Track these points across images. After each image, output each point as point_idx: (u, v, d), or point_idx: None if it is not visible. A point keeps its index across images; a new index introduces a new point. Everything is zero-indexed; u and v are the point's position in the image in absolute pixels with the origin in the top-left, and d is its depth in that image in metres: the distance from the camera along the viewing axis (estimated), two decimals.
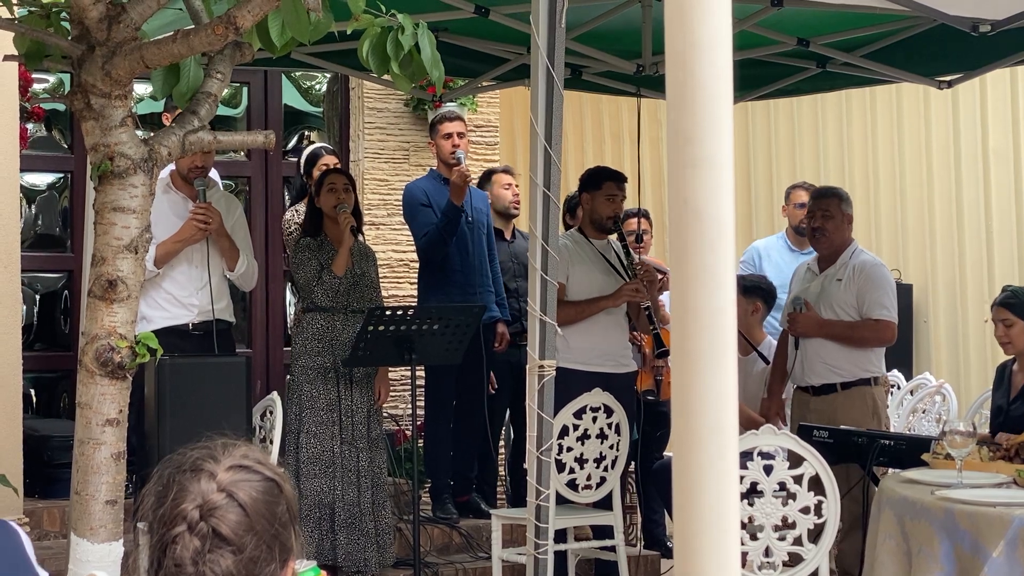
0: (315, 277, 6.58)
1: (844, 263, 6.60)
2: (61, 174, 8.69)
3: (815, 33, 6.64)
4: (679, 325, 1.50)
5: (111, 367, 3.76)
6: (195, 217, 6.31)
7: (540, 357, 4.61)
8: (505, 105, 9.41)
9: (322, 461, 6.44)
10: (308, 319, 6.62)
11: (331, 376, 6.53)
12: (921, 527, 4.47)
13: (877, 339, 6.56)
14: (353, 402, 6.55)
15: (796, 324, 6.58)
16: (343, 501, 6.42)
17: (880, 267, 6.70)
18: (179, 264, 6.36)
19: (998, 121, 8.76)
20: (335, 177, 6.77)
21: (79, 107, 3.80)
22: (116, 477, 3.83)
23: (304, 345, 6.57)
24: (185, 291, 6.37)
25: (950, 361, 8.95)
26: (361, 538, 6.43)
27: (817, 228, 6.64)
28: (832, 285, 6.57)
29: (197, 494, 2.03)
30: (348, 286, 6.61)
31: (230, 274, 6.53)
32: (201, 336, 6.34)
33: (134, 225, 3.79)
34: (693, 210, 1.49)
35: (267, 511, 2.05)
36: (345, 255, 6.58)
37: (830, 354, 6.50)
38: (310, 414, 6.46)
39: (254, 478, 2.07)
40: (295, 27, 3.54)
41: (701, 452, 1.48)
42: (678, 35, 1.49)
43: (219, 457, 2.08)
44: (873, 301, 6.49)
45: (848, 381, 6.49)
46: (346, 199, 6.65)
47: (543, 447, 4.68)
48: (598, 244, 6.82)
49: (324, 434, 6.47)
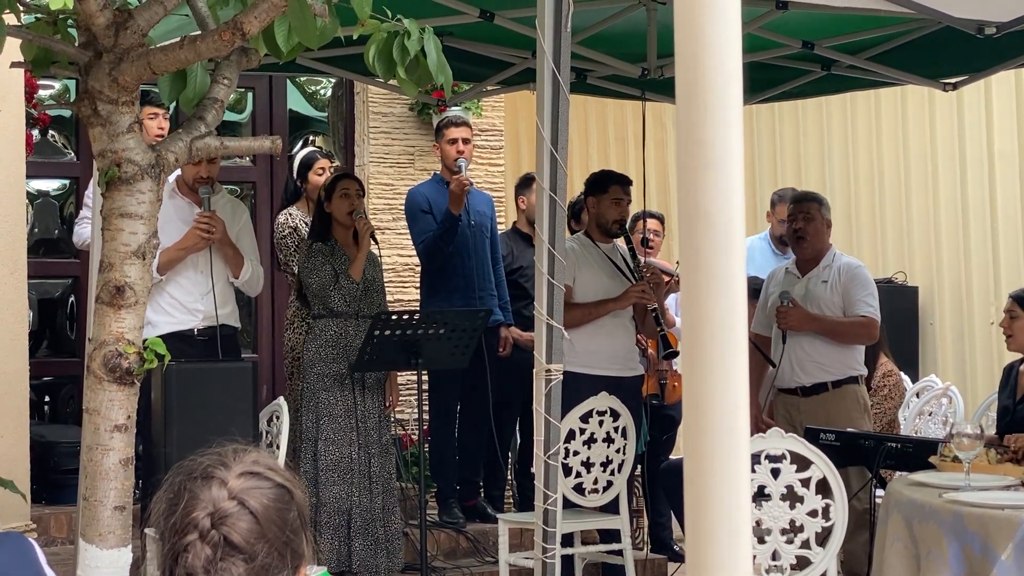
0: (331, 282, 6.57)
1: (827, 265, 6.67)
2: (66, 180, 8.70)
3: (820, 36, 6.63)
4: (690, 327, 1.50)
5: (119, 373, 3.76)
6: (199, 226, 6.31)
7: (547, 361, 4.61)
8: (510, 109, 9.41)
9: (340, 468, 6.44)
10: (321, 325, 6.60)
11: (347, 383, 6.52)
12: (929, 530, 4.47)
13: (864, 335, 6.63)
14: (367, 408, 6.56)
15: (786, 318, 6.60)
16: (359, 507, 6.43)
17: (862, 268, 6.81)
18: (184, 270, 6.36)
19: (1003, 123, 8.76)
20: (348, 183, 6.77)
21: (86, 113, 3.80)
22: (124, 483, 3.83)
23: (319, 352, 6.55)
24: (190, 296, 6.37)
25: (956, 363, 8.94)
26: (373, 544, 6.44)
27: (799, 230, 6.69)
28: (818, 287, 6.62)
29: (208, 502, 2.02)
30: (362, 291, 6.62)
31: (235, 280, 6.53)
32: (206, 341, 6.34)
33: (141, 231, 3.79)
34: (704, 213, 1.49)
35: (278, 518, 2.04)
36: (363, 260, 6.60)
37: (820, 353, 6.54)
38: (328, 421, 6.46)
39: (265, 485, 2.06)
40: (302, 32, 3.54)
41: (713, 454, 1.48)
42: (688, 37, 1.49)
43: (230, 464, 2.07)
44: (858, 299, 6.57)
45: (838, 379, 6.53)
46: (359, 205, 6.67)
47: (550, 451, 4.67)
48: (604, 248, 6.82)
49: (342, 440, 6.47)
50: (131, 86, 3.77)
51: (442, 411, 7.33)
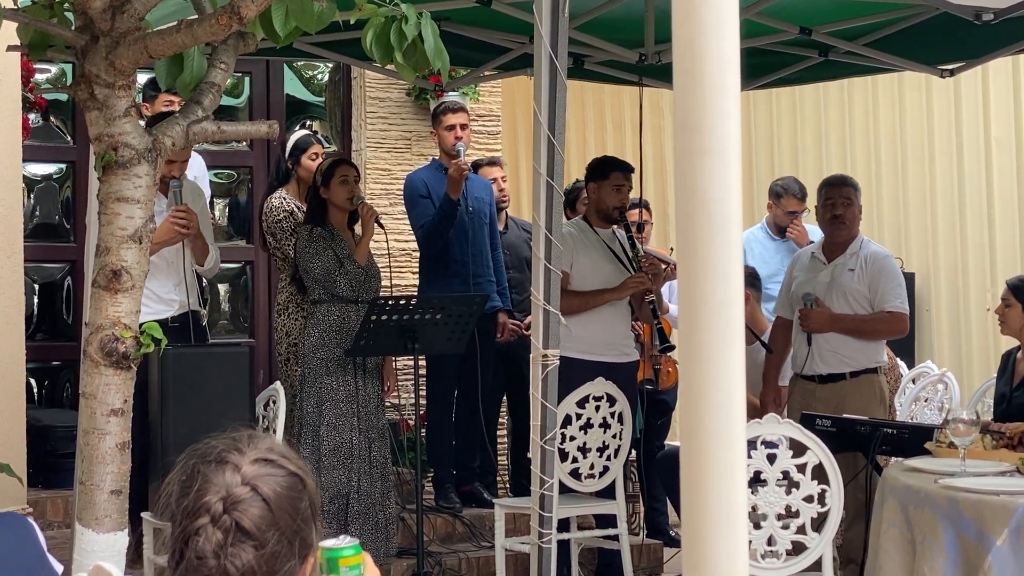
0: (336, 267, 6.57)
1: (855, 252, 6.56)
2: (63, 164, 8.69)
3: (817, 22, 6.63)
4: (687, 315, 1.50)
5: (116, 357, 3.77)
6: (176, 221, 6.29)
7: (544, 346, 4.61)
8: (507, 94, 9.40)
9: (341, 452, 6.44)
10: (323, 311, 6.59)
11: (349, 368, 6.53)
12: (925, 515, 4.47)
13: (891, 331, 6.56)
14: (367, 393, 6.57)
15: (808, 321, 6.53)
16: (358, 492, 6.44)
17: (890, 258, 6.70)
18: (157, 262, 6.34)
19: (1000, 110, 8.76)
20: (347, 169, 6.77)
21: (83, 97, 3.80)
22: (121, 467, 3.84)
23: (321, 337, 6.54)
24: (164, 288, 6.38)
25: (952, 349, 8.95)
26: (372, 528, 6.45)
27: (838, 216, 6.57)
28: (844, 275, 6.52)
29: (221, 486, 2.02)
30: (365, 276, 6.64)
31: (199, 268, 6.56)
32: (179, 328, 6.34)
33: (138, 215, 3.79)
34: (701, 200, 1.48)
35: (290, 506, 2.04)
36: (367, 245, 6.62)
37: (841, 344, 6.47)
38: (330, 406, 6.45)
39: (278, 472, 2.06)
40: (299, 17, 3.54)
41: (709, 442, 1.48)
42: (685, 22, 1.49)
43: (244, 449, 2.06)
44: (887, 292, 6.47)
45: (856, 370, 6.48)
46: (357, 190, 6.69)
47: (547, 436, 4.68)
48: (603, 234, 6.81)
49: (344, 425, 6.47)
50: (128, 70, 3.77)
51: (439, 396, 7.33)
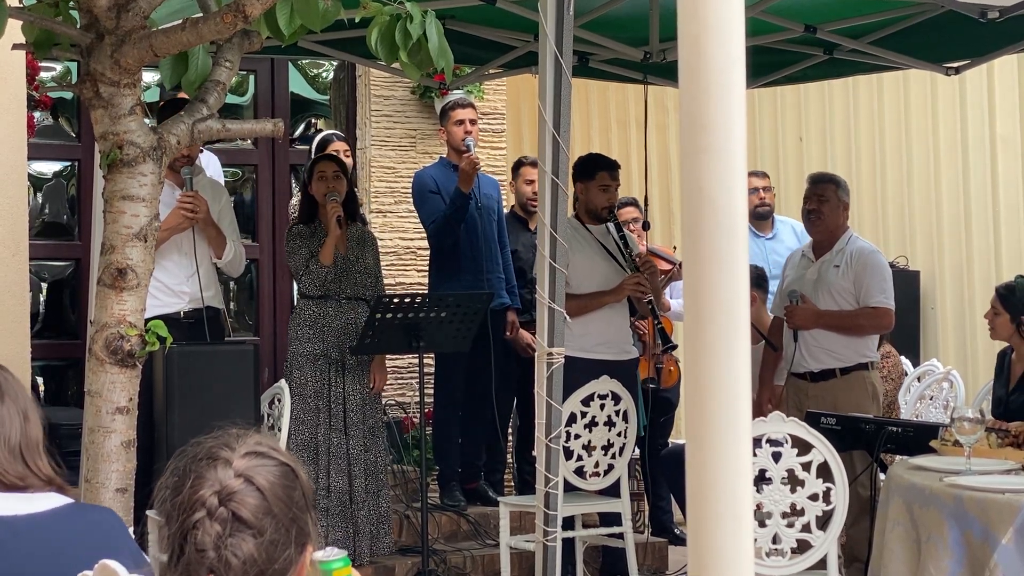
0: (303, 266, 6.59)
1: (840, 249, 6.59)
2: (68, 162, 8.70)
3: (822, 20, 6.62)
4: (692, 311, 1.50)
5: (121, 355, 3.77)
6: (183, 206, 6.27)
7: (549, 344, 4.61)
8: (512, 93, 9.39)
9: (309, 448, 6.43)
10: (301, 306, 6.68)
11: (321, 363, 6.51)
12: (930, 514, 4.47)
13: (875, 326, 6.58)
14: (346, 389, 6.52)
15: (794, 317, 6.56)
16: (333, 490, 6.41)
17: (876, 254, 6.70)
18: (169, 252, 6.30)
19: (1006, 108, 8.75)
20: (325, 164, 6.73)
21: (88, 96, 3.80)
22: (126, 465, 3.84)
23: (296, 332, 6.60)
24: (175, 279, 6.33)
25: (957, 348, 8.95)
26: (350, 527, 6.41)
27: (813, 211, 6.65)
28: (830, 271, 6.56)
29: (214, 481, 2.05)
30: (337, 274, 6.59)
31: (218, 261, 6.52)
32: (192, 324, 6.30)
33: (143, 213, 3.80)
34: (707, 197, 1.49)
35: (285, 495, 2.07)
36: (331, 245, 6.55)
37: (828, 340, 6.50)
38: (299, 401, 6.43)
39: (270, 463, 2.09)
40: (304, 15, 3.54)
41: (714, 440, 1.49)
42: (690, 20, 1.49)
43: (233, 445, 2.10)
44: (871, 288, 6.48)
45: (847, 366, 6.49)
46: (336, 187, 6.61)
47: (551, 434, 4.68)
48: (596, 231, 6.79)
49: (310, 421, 6.46)
50: (133, 68, 3.77)
51: (446, 394, 7.33)
